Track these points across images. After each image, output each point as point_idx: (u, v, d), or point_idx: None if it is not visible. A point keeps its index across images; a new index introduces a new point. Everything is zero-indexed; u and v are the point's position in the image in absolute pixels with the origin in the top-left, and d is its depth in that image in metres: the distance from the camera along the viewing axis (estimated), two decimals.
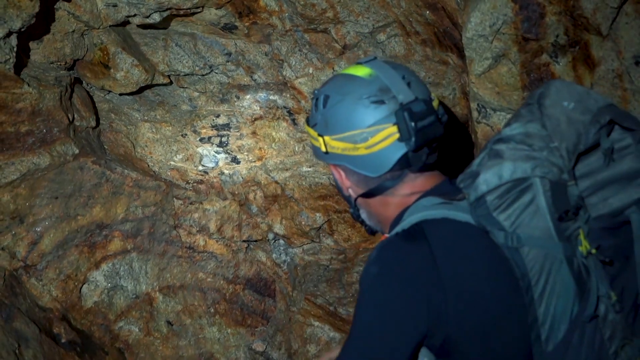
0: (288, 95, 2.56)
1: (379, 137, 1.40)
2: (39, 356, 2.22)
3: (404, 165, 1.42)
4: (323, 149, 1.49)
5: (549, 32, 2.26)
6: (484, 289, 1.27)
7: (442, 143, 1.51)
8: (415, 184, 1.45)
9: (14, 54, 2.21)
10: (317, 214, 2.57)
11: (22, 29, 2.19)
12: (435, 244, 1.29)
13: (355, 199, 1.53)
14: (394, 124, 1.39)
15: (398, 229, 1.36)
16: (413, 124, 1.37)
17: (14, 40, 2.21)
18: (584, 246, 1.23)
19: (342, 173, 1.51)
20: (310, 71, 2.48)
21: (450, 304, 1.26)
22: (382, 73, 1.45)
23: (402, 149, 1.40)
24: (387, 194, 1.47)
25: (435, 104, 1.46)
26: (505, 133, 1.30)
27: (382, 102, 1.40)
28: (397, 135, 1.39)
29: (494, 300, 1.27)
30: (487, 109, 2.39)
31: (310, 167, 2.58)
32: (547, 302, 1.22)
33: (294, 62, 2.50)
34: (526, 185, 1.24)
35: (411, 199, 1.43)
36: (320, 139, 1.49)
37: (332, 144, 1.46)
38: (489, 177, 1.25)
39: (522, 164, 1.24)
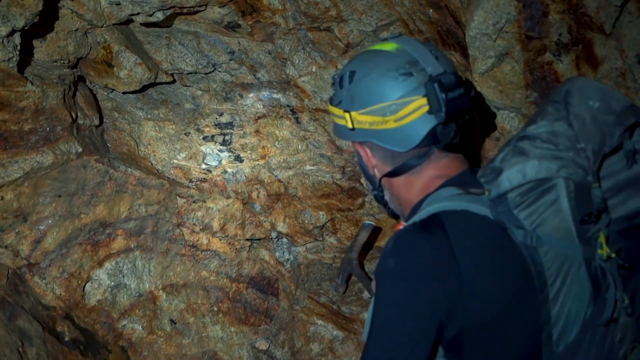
0: (291, 94, 2.57)
1: (408, 109, 1.38)
2: (43, 354, 2.22)
3: (432, 140, 1.41)
4: (349, 125, 1.46)
5: (552, 30, 2.26)
6: (499, 284, 1.27)
7: (468, 122, 1.50)
8: (440, 165, 1.43)
9: (18, 53, 2.21)
10: (321, 213, 2.57)
11: (26, 27, 2.19)
12: (454, 235, 1.27)
13: (380, 180, 1.50)
14: (424, 96, 1.37)
15: (415, 218, 1.34)
16: (443, 95, 1.36)
17: (17, 39, 2.21)
18: (604, 250, 1.22)
19: (368, 151, 1.48)
20: (314, 70, 2.49)
21: (466, 297, 1.25)
22: (409, 47, 1.43)
23: (431, 122, 1.38)
24: (413, 174, 1.44)
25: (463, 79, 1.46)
26: (530, 131, 1.29)
27: (410, 74, 1.39)
28: (427, 108, 1.37)
29: (508, 297, 1.27)
30: (491, 108, 2.39)
31: (313, 165, 2.58)
32: (562, 303, 1.21)
33: (297, 61, 2.50)
34: (550, 185, 1.23)
35: (435, 184, 1.41)
36: (347, 115, 1.46)
37: (360, 118, 1.44)
38: (513, 174, 1.24)
39: (547, 163, 1.23)
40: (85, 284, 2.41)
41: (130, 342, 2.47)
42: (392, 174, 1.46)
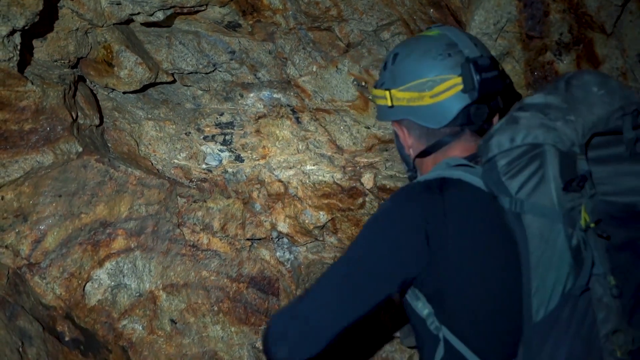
0: (292, 94, 2.57)
1: (443, 86, 1.47)
2: (43, 354, 2.22)
3: (464, 120, 1.49)
4: (389, 103, 1.56)
5: (553, 30, 2.27)
6: (483, 248, 1.33)
7: (502, 107, 1.55)
8: (466, 146, 1.51)
9: (18, 52, 2.21)
10: (321, 213, 2.57)
11: (26, 27, 2.19)
12: (448, 199, 1.35)
13: (414, 160, 1.58)
14: (459, 75, 1.46)
15: (421, 178, 1.43)
16: (477, 75, 1.44)
17: (17, 39, 2.21)
18: (583, 219, 1.24)
19: (405, 130, 1.57)
20: (314, 69, 2.49)
21: (450, 255, 1.32)
22: (450, 32, 1.55)
23: (464, 100, 1.47)
24: (440, 153, 1.52)
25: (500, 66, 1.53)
26: (526, 101, 1.35)
27: (448, 55, 1.49)
28: (461, 87, 1.46)
29: (491, 261, 1.33)
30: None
31: (314, 165, 2.59)
32: (542, 271, 1.24)
33: (297, 61, 2.50)
34: (537, 152, 1.27)
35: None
36: (387, 93, 1.56)
37: (399, 95, 1.53)
38: (502, 139, 1.29)
39: (535, 130, 1.27)
40: (86, 283, 2.41)
41: (131, 342, 2.47)
42: (425, 153, 1.55)
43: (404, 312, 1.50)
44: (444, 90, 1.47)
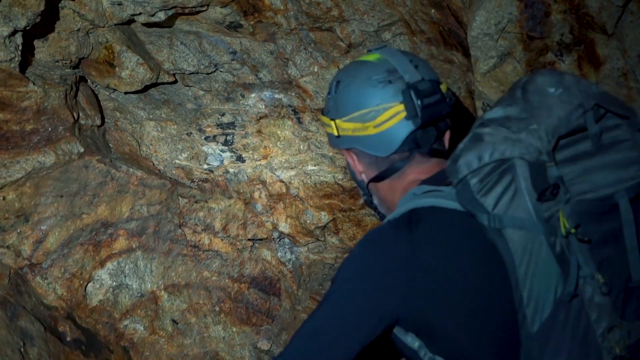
0: (293, 94, 2.57)
1: (386, 115, 1.45)
2: (44, 354, 2.22)
3: (412, 145, 1.47)
4: (335, 132, 1.54)
5: (554, 30, 2.27)
6: (468, 274, 1.31)
7: (451, 128, 1.54)
8: (420, 169, 1.49)
9: (19, 53, 2.21)
10: (322, 213, 2.58)
11: (27, 28, 2.19)
12: (419, 234, 1.33)
13: (367, 184, 1.57)
14: (401, 102, 1.45)
15: (390, 217, 1.41)
16: (419, 101, 1.42)
17: (19, 39, 2.21)
18: (562, 225, 1.24)
19: (355, 157, 1.56)
20: (316, 70, 2.49)
21: (425, 293, 1.30)
22: (390, 56, 1.52)
23: (409, 127, 1.45)
24: (395, 179, 1.51)
25: (443, 87, 1.51)
26: (486, 116, 1.34)
27: (389, 82, 1.46)
28: (404, 114, 1.44)
29: (478, 283, 1.31)
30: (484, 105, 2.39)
31: (315, 165, 2.59)
32: (530, 283, 1.24)
33: (299, 61, 2.51)
34: (506, 167, 1.26)
35: (413, 186, 1.46)
36: (332, 123, 1.54)
37: (343, 125, 1.52)
38: (469, 159, 1.28)
39: (500, 145, 1.27)
40: (87, 284, 2.41)
41: (132, 342, 2.47)
42: (377, 179, 1.54)
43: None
44: (387, 119, 1.45)
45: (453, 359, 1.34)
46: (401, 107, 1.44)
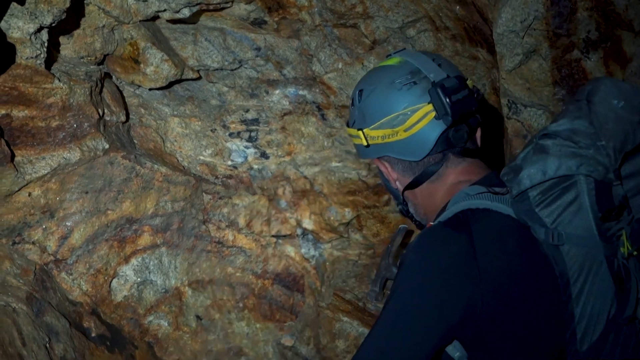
0: (317, 91, 2.56)
1: (415, 117, 1.41)
2: (69, 350, 2.23)
3: (445, 146, 1.43)
4: (364, 142, 1.50)
5: (580, 27, 2.27)
6: (521, 285, 1.27)
7: (481, 124, 1.51)
8: (459, 170, 1.45)
9: (45, 49, 2.21)
10: (346, 209, 2.58)
11: (53, 24, 2.19)
12: (477, 234, 1.28)
13: (403, 192, 1.53)
14: (429, 103, 1.41)
15: (441, 217, 1.36)
16: (447, 99, 1.38)
17: (44, 36, 2.21)
18: (625, 247, 1.22)
19: (387, 165, 1.52)
20: (340, 66, 2.49)
21: (485, 298, 1.25)
22: (410, 58, 1.48)
23: (440, 127, 1.41)
24: (433, 182, 1.47)
25: (469, 82, 1.47)
26: (551, 128, 1.29)
27: (414, 83, 1.43)
28: (434, 114, 1.41)
29: (530, 296, 1.27)
30: (518, 105, 2.39)
31: (339, 162, 2.59)
32: (584, 301, 1.22)
33: (323, 57, 2.50)
34: (570, 183, 1.23)
35: (458, 187, 1.42)
36: (360, 133, 1.50)
37: (372, 134, 1.48)
38: (533, 172, 1.25)
39: (567, 160, 1.23)
40: (112, 280, 2.42)
41: (157, 338, 2.48)
42: (413, 185, 1.49)
43: None
44: (417, 121, 1.41)
45: None
46: (430, 107, 1.40)
